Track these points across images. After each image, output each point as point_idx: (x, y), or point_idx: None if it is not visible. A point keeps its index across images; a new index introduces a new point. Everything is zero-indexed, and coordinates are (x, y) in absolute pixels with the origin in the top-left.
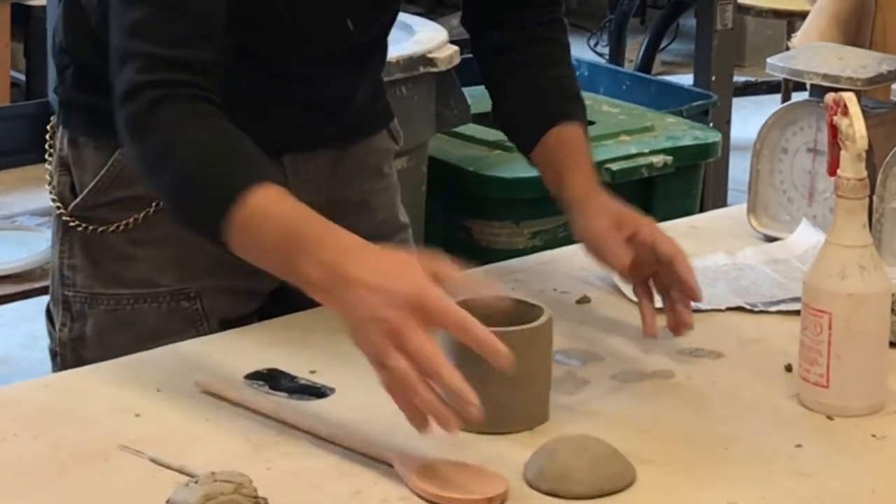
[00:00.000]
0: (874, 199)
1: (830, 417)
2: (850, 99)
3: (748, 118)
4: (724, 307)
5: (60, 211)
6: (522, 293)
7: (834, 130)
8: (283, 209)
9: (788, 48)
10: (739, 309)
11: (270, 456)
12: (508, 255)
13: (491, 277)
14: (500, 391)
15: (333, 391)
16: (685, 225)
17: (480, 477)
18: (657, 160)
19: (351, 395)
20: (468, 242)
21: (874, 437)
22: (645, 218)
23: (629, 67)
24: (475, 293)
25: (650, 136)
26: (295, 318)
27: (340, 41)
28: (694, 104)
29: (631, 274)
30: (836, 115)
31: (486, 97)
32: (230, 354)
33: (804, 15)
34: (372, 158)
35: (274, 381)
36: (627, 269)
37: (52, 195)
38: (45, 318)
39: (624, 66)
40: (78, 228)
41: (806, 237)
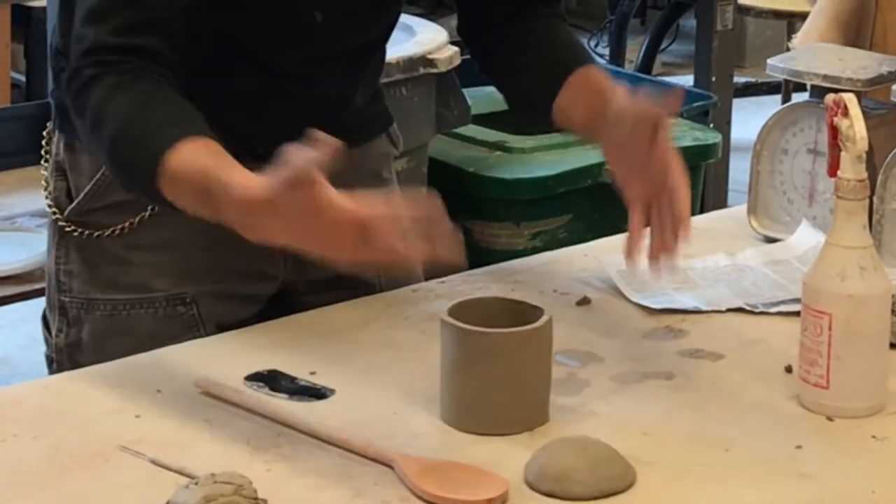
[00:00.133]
0: (874, 200)
1: (830, 418)
2: (850, 100)
3: (748, 119)
4: (724, 308)
5: (56, 216)
6: (522, 294)
7: (834, 131)
8: (195, 165)
9: (789, 49)
10: (739, 310)
11: (270, 457)
12: (509, 256)
13: (493, 278)
14: (500, 392)
15: (333, 392)
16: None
17: (480, 478)
18: None
19: (351, 396)
20: (468, 243)
21: (874, 438)
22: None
23: (629, 68)
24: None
25: None
26: (295, 319)
27: (339, 41)
28: (694, 105)
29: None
30: (836, 116)
31: (486, 98)
32: (230, 356)
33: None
34: (371, 163)
35: (274, 382)
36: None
37: (48, 200)
38: (41, 324)
39: (624, 66)
40: (74, 233)
41: (806, 238)
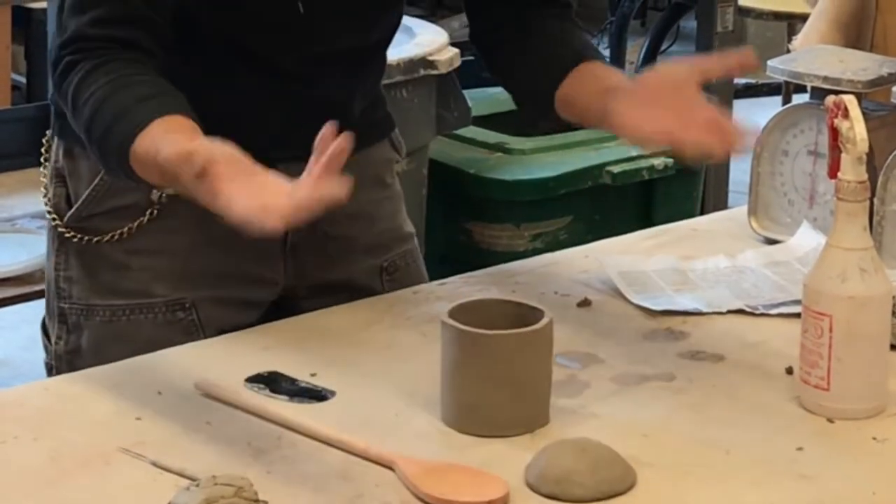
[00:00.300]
0: (875, 201)
1: (831, 420)
2: (850, 101)
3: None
4: (724, 310)
5: (56, 222)
6: (523, 296)
7: (834, 133)
8: (154, 146)
9: (789, 50)
10: (740, 311)
11: (271, 459)
12: (509, 257)
13: (494, 280)
14: (500, 394)
15: (334, 394)
16: (686, 227)
17: (481, 480)
18: (658, 162)
19: (351, 397)
20: (469, 245)
21: (875, 439)
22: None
23: (630, 70)
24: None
25: None
26: (295, 321)
27: (335, 41)
28: None
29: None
30: (836, 117)
31: (486, 100)
32: (231, 357)
33: (805, 17)
34: (372, 168)
35: (274, 383)
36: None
37: (47, 207)
38: (40, 332)
39: (625, 68)
40: (73, 239)
41: (807, 240)
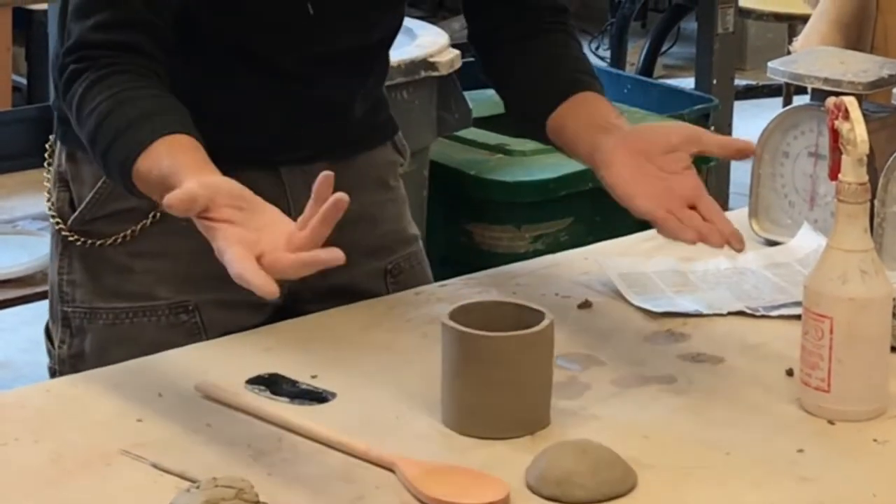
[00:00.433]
0: (875, 203)
1: (832, 422)
2: (851, 103)
3: (749, 122)
4: (725, 311)
5: (60, 226)
6: (524, 297)
7: (835, 135)
8: (157, 169)
9: (790, 52)
10: (741, 313)
11: (272, 461)
12: (510, 259)
13: (494, 281)
14: (501, 396)
15: (335, 396)
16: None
17: (482, 482)
18: None
19: (352, 399)
20: (469, 246)
21: (875, 441)
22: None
23: (630, 71)
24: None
25: None
26: (296, 322)
27: (336, 41)
28: (695, 108)
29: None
30: (837, 119)
31: (487, 101)
32: (231, 359)
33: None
34: (375, 171)
35: (275, 385)
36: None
37: (51, 211)
38: (44, 337)
39: (625, 69)
40: (76, 243)
41: (807, 241)
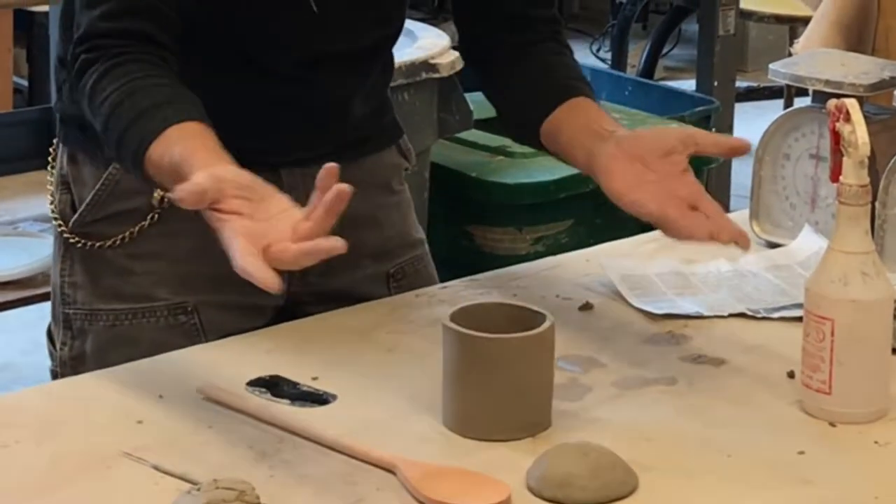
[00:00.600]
0: (876, 205)
1: (833, 424)
2: (852, 105)
3: (750, 123)
4: (726, 313)
5: (62, 228)
6: (525, 299)
7: (836, 137)
8: (170, 157)
9: (791, 54)
10: (742, 315)
11: (273, 463)
12: (511, 260)
13: (495, 283)
14: (502, 398)
15: (335, 398)
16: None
17: (483, 484)
18: None
19: (353, 401)
20: (470, 248)
21: (877, 443)
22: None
23: (631, 73)
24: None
25: None
26: (297, 324)
27: (334, 42)
28: (696, 110)
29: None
30: (838, 121)
31: (488, 103)
32: (232, 361)
33: (806, 20)
34: (380, 174)
35: (276, 387)
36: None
37: (53, 213)
38: (46, 339)
39: (626, 71)
40: (77, 245)
41: (808, 243)
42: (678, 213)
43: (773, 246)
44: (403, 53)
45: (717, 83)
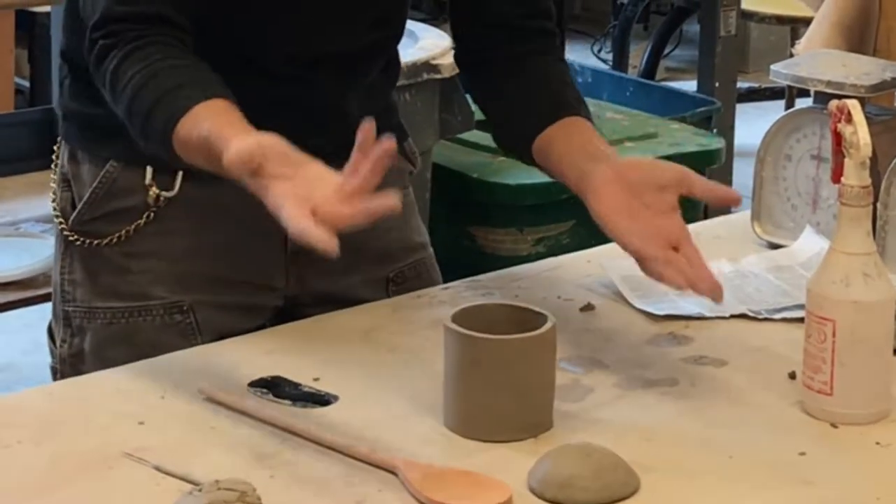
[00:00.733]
0: (878, 206)
1: (834, 425)
2: (853, 106)
3: (752, 124)
4: (727, 314)
5: (62, 226)
6: (526, 300)
7: (838, 138)
8: (199, 131)
9: (792, 55)
10: (743, 316)
11: (274, 464)
12: (512, 261)
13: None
14: (503, 399)
15: (337, 399)
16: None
17: (484, 485)
18: None
19: (355, 402)
20: (472, 249)
21: (878, 444)
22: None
23: (633, 73)
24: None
25: (654, 142)
26: (298, 325)
27: (329, 42)
28: (697, 110)
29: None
30: (839, 122)
31: None
32: (234, 362)
33: (808, 21)
34: (384, 178)
35: (277, 388)
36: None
37: (55, 211)
38: (46, 336)
39: (628, 72)
40: (77, 243)
41: (810, 244)
42: (660, 254)
43: (774, 247)
44: (405, 54)
45: (718, 84)
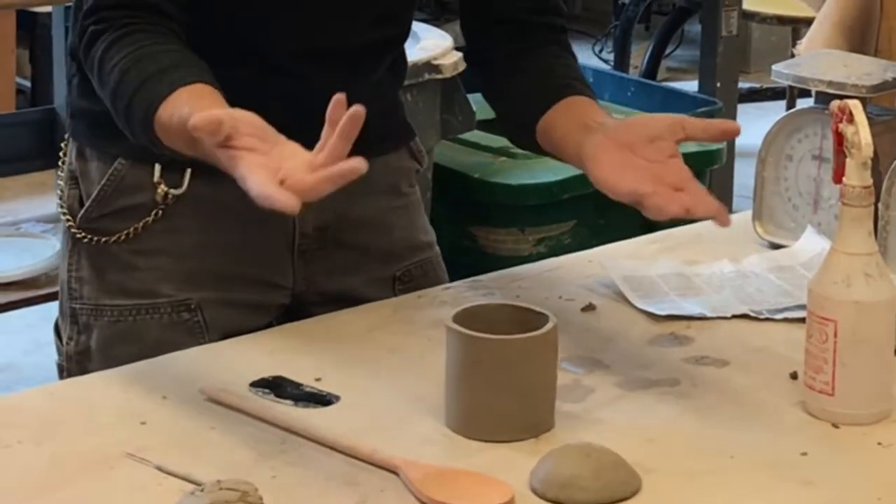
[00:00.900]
0: (879, 206)
1: (836, 425)
2: (855, 106)
3: (753, 125)
4: (729, 314)
5: (70, 223)
6: (527, 300)
7: (839, 138)
8: (178, 115)
9: (793, 55)
10: (745, 316)
11: (276, 464)
12: (513, 261)
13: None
14: (505, 399)
15: (339, 399)
16: (690, 232)
17: (486, 485)
18: None
19: (356, 402)
20: (473, 249)
21: (880, 444)
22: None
23: (634, 74)
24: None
25: None
26: (300, 325)
27: (331, 37)
28: (699, 110)
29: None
30: (841, 122)
31: None
32: (235, 362)
33: (809, 21)
34: (388, 176)
35: (279, 388)
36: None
37: (62, 209)
38: (53, 333)
39: (629, 72)
40: (84, 240)
41: (811, 244)
42: (657, 188)
43: (775, 247)
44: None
45: (719, 84)
